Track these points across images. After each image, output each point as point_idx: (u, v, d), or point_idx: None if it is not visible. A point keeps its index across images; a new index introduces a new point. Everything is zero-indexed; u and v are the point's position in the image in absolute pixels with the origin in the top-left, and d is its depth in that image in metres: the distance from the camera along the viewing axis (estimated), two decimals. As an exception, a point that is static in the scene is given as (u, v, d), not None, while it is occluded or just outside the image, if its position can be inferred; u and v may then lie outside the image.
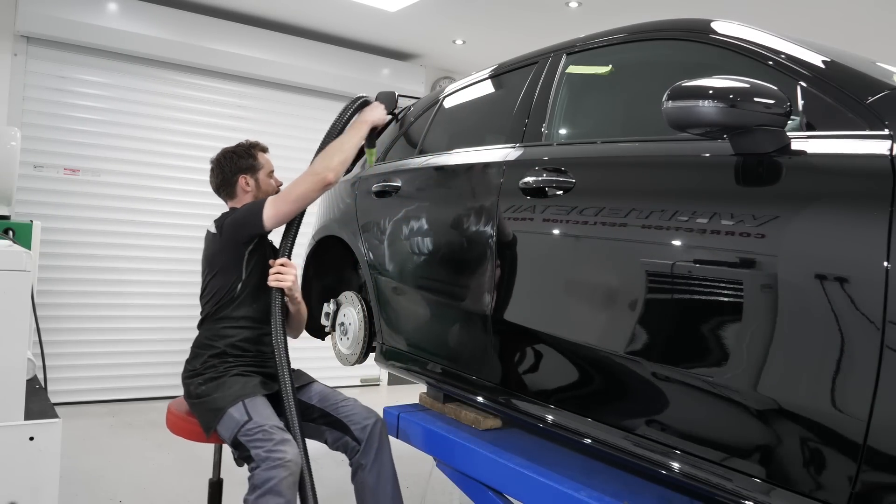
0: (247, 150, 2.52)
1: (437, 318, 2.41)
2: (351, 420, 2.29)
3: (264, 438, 1.99)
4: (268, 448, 1.96)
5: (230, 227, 2.35)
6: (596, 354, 1.74)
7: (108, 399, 4.61)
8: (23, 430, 1.73)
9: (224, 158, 2.51)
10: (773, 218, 1.35)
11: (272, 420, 2.09)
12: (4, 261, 1.70)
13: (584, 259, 1.82)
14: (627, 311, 1.65)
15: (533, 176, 1.96)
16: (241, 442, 2.05)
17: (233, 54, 4.97)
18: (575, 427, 1.79)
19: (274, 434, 2.01)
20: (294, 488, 1.96)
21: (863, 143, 1.29)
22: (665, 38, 1.89)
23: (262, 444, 1.98)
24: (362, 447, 2.24)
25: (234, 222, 2.36)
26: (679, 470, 1.51)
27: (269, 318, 2.34)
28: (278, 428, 2.05)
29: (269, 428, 2.03)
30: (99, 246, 4.66)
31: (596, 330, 1.76)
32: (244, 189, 2.48)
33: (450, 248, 2.28)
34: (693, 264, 1.50)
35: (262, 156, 2.55)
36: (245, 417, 2.07)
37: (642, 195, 1.66)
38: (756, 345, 1.37)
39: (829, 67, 1.47)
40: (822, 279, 1.26)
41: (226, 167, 2.48)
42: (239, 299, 2.35)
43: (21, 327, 1.75)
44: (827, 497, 1.25)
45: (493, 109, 2.56)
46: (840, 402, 1.23)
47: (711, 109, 1.35)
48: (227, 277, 2.35)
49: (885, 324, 1.16)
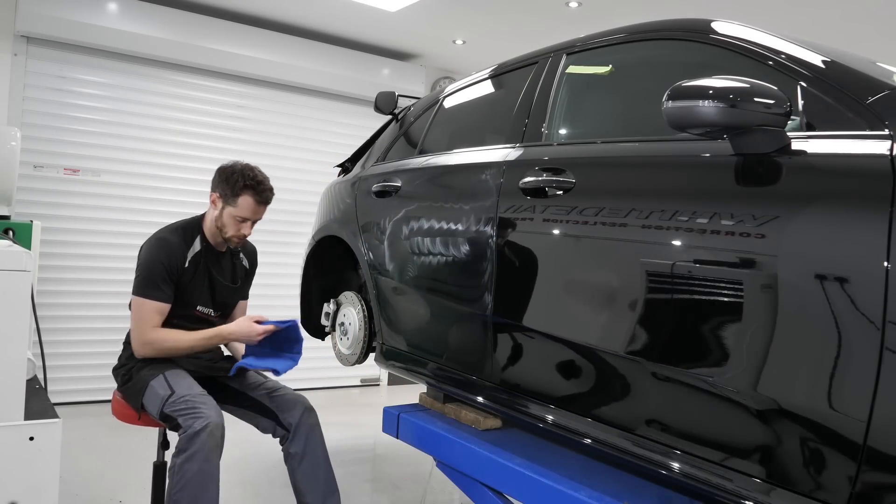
0: (237, 181, 2.39)
1: (438, 318, 2.41)
2: (280, 409, 2.39)
3: (187, 407, 2.12)
4: (192, 414, 2.09)
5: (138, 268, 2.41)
6: (596, 354, 1.74)
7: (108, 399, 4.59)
8: (23, 430, 1.73)
9: (222, 170, 2.46)
10: (773, 218, 1.35)
11: (194, 388, 2.21)
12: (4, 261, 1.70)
13: (584, 259, 1.82)
14: (627, 312, 1.65)
15: (533, 176, 1.96)
16: (168, 414, 2.16)
17: (233, 54, 4.97)
18: (575, 427, 1.79)
19: (196, 401, 2.13)
20: (217, 449, 2.07)
21: (863, 143, 1.29)
22: (665, 38, 1.89)
23: (186, 412, 2.11)
24: (291, 435, 2.35)
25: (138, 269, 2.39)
26: (679, 470, 1.51)
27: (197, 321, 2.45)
28: (200, 395, 2.18)
29: (191, 397, 2.15)
30: (99, 246, 4.66)
31: (596, 330, 1.76)
32: (212, 205, 2.47)
33: (450, 248, 2.29)
34: (693, 264, 1.50)
35: (248, 200, 2.39)
36: (168, 391, 2.19)
37: (642, 195, 1.66)
38: (756, 345, 1.37)
39: (829, 67, 1.47)
40: (822, 279, 1.26)
41: (216, 177, 2.46)
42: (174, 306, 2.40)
43: (21, 327, 1.75)
44: (827, 497, 1.25)
45: (494, 109, 2.56)
46: (840, 402, 1.23)
47: (711, 109, 1.35)
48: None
49: (885, 324, 1.16)
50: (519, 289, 2.00)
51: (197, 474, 2.01)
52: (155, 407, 2.21)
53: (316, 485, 2.32)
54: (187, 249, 2.41)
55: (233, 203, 2.40)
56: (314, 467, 2.33)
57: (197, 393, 2.18)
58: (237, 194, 2.39)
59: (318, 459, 2.35)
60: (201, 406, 2.11)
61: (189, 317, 2.44)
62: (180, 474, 2.01)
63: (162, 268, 2.34)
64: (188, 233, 2.45)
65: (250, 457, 2.53)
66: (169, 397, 2.17)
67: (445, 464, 2.28)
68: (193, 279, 2.42)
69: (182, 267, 2.39)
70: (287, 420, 2.37)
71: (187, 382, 2.24)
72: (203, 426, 2.04)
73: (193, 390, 2.20)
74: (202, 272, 2.45)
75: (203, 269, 2.45)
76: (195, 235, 2.46)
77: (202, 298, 2.47)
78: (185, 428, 2.08)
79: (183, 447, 2.04)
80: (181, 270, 2.39)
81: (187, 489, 2.00)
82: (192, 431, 2.04)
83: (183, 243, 2.41)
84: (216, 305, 2.52)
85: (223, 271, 2.53)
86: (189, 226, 2.48)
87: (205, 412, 2.09)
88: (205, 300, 2.48)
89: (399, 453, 2.33)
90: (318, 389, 5.24)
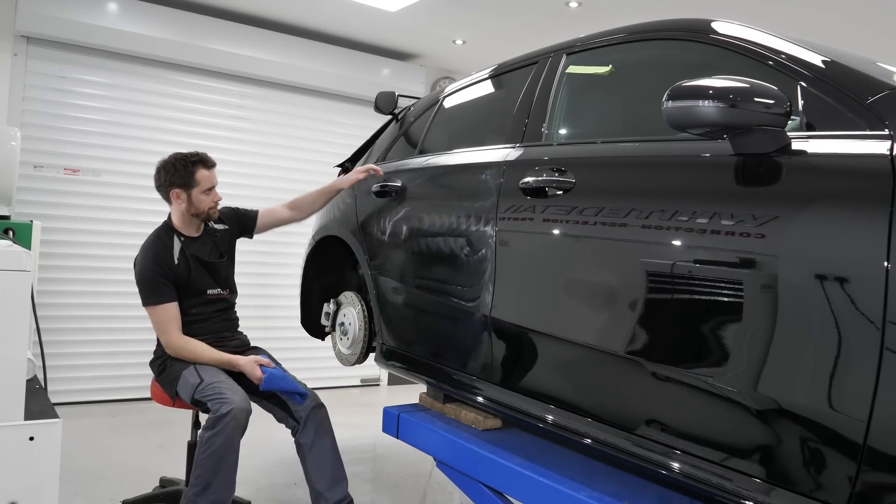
0: (186, 165, 2.62)
1: (438, 318, 2.41)
2: (292, 403, 2.57)
3: (214, 392, 2.38)
4: (219, 399, 2.34)
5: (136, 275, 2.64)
6: (596, 354, 1.74)
7: (108, 399, 4.61)
8: (23, 430, 1.73)
9: (164, 168, 2.66)
10: (773, 218, 1.35)
11: (220, 376, 2.46)
12: (4, 261, 1.70)
13: (585, 259, 1.82)
14: (627, 312, 1.65)
15: (533, 176, 1.96)
16: (199, 399, 2.43)
17: (233, 54, 4.97)
18: (575, 427, 1.79)
19: (222, 387, 2.39)
20: (239, 430, 2.32)
21: (863, 143, 1.29)
22: (665, 38, 1.89)
23: (213, 397, 2.37)
24: (301, 427, 2.54)
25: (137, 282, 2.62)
26: (679, 470, 1.51)
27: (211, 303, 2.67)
28: (226, 382, 2.43)
29: (217, 383, 2.41)
30: (99, 246, 4.66)
31: (596, 330, 1.76)
32: (176, 201, 2.64)
33: (450, 248, 2.29)
34: (693, 264, 1.50)
35: (203, 172, 2.63)
36: (198, 380, 2.45)
37: (642, 195, 1.66)
38: (756, 345, 1.37)
39: (829, 67, 1.47)
40: (822, 279, 1.26)
41: (163, 176, 2.65)
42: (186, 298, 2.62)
43: (21, 327, 1.75)
44: (827, 497, 1.25)
45: (494, 110, 2.56)
46: (840, 402, 1.23)
47: (711, 109, 1.35)
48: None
49: (885, 324, 1.16)
50: (519, 289, 2.00)
51: (219, 448, 2.28)
52: (187, 394, 2.48)
53: (323, 472, 2.50)
54: (171, 249, 2.62)
55: (194, 183, 2.61)
56: (322, 457, 2.51)
57: (222, 381, 2.43)
58: (192, 173, 2.61)
59: (326, 450, 2.52)
60: (227, 392, 2.37)
61: (204, 302, 2.66)
62: (206, 445, 2.30)
63: (156, 272, 2.56)
64: (165, 235, 2.66)
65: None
66: (199, 385, 2.43)
67: (445, 464, 2.28)
68: (189, 270, 2.61)
69: (172, 265, 2.59)
70: (298, 413, 2.55)
71: (214, 371, 2.50)
72: (228, 410, 2.30)
73: (220, 378, 2.45)
74: (193, 262, 2.63)
75: (193, 259, 2.64)
76: (171, 235, 2.66)
77: (206, 282, 2.67)
78: (213, 411, 2.34)
79: (210, 425, 2.32)
80: (174, 268, 2.59)
81: (211, 458, 2.29)
82: (219, 414, 2.31)
83: (164, 246, 2.62)
84: (221, 283, 2.72)
85: (209, 253, 2.72)
86: (162, 231, 2.69)
87: (230, 397, 2.34)
88: (209, 283, 2.68)
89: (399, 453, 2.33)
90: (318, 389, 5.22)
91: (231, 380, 2.48)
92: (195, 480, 2.32)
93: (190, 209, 2.63)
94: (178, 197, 2.63)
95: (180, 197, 2.62)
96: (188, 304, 2.62)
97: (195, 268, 2.63)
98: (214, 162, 2.70)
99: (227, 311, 2.77)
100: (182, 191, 2.62)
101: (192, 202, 2.62)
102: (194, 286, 2.63)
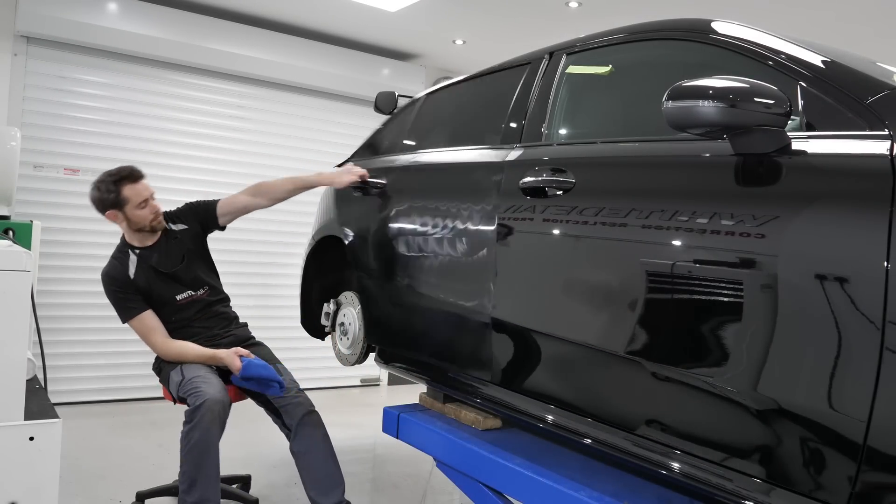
0: (109, 185, 2.57)
1: (438, 318, 2.41)
2: (285, 410, 2.59)
3: (192, 387, 2.43)
4: (194, 393, 2.39)
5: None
6: (596, 355, 1.74)
7: (108, 399, 4.60)
8: (23, 430, 1.73)
9: (92, 191, 2.62)
10: (773, 218, 1.35)
11: (199, 372, 2.50)
12: (4, 261, 1.70)
13: (585, 259, 1.82)
14: (627, 312, 1.65)
15: (533, 176, 1.96)
16: (182, 396, 2.50)
17: (233, 54, 4.97)
18: (575, 427, 1.79)
19: (198, 381, 2.44)
20: (216, 421, 2.36)
21: (863, 143, 1.29)
22: (665, 38, 1.89)
23: (190, 392, 2.43)
24: (293, 436, 2.57)
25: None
26: (679, 470, 1.51)
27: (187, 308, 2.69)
28: (203, 377, 2.46)
29: (195, 378, 2.46)
30: (99, 246, 4.63)
31: (596, 330, 1.76)
32: (115, 221, 2.64)
33: (450, 248, 2.28)
34: (693, 264, 1.50)
35: (130, 187, 2.58)
36: (180, 377, 2.51)
37: (642, 195, 1.66)
38: (756, 345, 1.37)
39: (829, 67, 1.47)
40: (822, 279, 1.26)
41: (96, 203, 2.62)
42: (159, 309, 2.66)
43: (21, 327, 1.75)
44: (827, 497, 1.25)
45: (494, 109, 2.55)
46: (840, 403, 1.23)
47: (711, 109, 1.35)
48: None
49: (885, 324, 1.16)
50: (519, 289, 2.00)
51: (199, 442, 2.32)
52: (175, 392, 2.56)
53: (317, 478, 2.53)
54: (126, 264, 2.64)
55: (124, 201, 2.58)
56: (315, 464, 2.54)
57: (200, 375, 2.47)
58: (118, 192, 2.57)
59: (319, 457, 2.54)
60: (202, 385, 2.41)
61: (179, 309, 2.68)
62: (186, 440, 2.35)
63: (115, 291, 2.62)
64: (120, 252, 2.69)
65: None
66: (181, 382, 2.49)
67: (445, 464, 2.28)
68: (150, 281, 2.63)
69: (130, 279, 2.62)
70: (289, 422, 2.58)
71: (195, 367, 2.54)
72: (202, 402, 2.34)
73: (198, 373, 2.48)
74: (151, 272, 2.64)
75: (150, 270, 2.65)
76: (126, 251, 2.68)
77: (171, 289, 2.67)
78: (190, 404, 2.40)
79: (187, 419, 2.37)
80: (133, 282, 2.62)
81: (192, 453, 2.33)
82: (194, 406, 2.36)
83: (119, 263, 2.65)
84: (190, 285, 2.71)
85: (168, 257, 2.69)
86: (117, 249, 2.71)
87: (204, 389, 2.38)
88: (175, 289, 2.68)
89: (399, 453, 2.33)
90: (318, 389, 5.23)
91: (212, 374, 2.52)
92: (181, 478, 2.36)
93: (132, 225, 2.63)
94: (116, 217, 2.62)
95: (117, 217, 2.61)
96: (165, 313, 2.65)
97: (157, 277, 2.64)
98: (142, 174, 2.65)
99: (209, 310, 2.75)
100: (116, 211, 2.59)
101: (129, 219, 2.61)
102: (161, 296, 2.64)
